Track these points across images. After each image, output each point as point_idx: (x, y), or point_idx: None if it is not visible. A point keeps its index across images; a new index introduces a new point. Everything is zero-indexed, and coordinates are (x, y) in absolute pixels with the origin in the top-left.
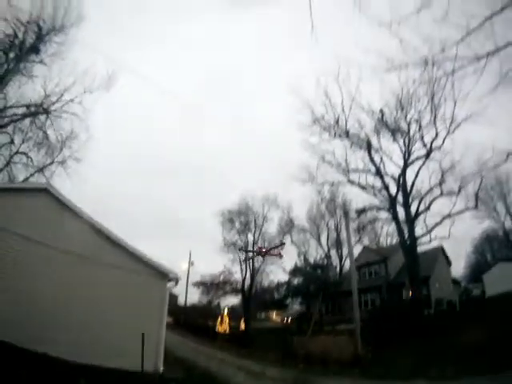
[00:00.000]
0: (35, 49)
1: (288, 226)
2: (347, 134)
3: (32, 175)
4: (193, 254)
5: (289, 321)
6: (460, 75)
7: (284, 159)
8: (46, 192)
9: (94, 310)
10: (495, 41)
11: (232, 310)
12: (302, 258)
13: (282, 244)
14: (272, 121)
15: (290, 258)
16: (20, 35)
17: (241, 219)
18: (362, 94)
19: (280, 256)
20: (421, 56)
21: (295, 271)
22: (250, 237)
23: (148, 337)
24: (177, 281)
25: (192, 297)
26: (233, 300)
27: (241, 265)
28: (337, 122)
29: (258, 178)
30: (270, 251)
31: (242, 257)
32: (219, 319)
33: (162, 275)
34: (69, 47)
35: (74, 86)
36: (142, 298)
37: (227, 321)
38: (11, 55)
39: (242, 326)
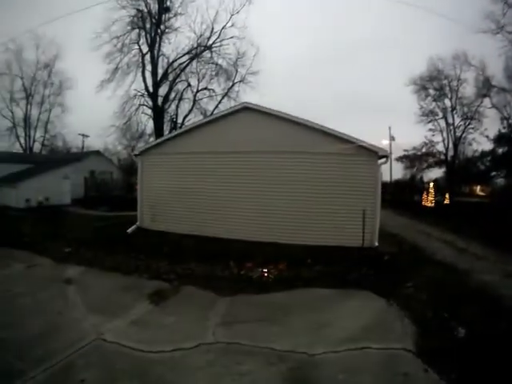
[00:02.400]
0: (163, 9)
1: (485, 86)
2: None
3: (220, 102)
4: (392, 129)
5: (494, 195)
6: None
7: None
8: (246, 108)
9: (315, 197)
10: None
11: (435, 184)
12: (505, 123)
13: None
14: None
15: (493, 124)
16: (143, 8)
17: (434, 85)
18: None
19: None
20: None
21: (499, 139)
22: (447, 102)
23: (365, 214)
24: (386, 157)
25: (395, 173)
26: (436, 173)
27: (442, 134)
28: None
29: (440, 38)
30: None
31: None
32: (424, 193)
33: (373, 154)
34: None
35: (219, 16)
36: (357, 179)
37: (432, 195)
38: (147, 25)
39: (446, 199)
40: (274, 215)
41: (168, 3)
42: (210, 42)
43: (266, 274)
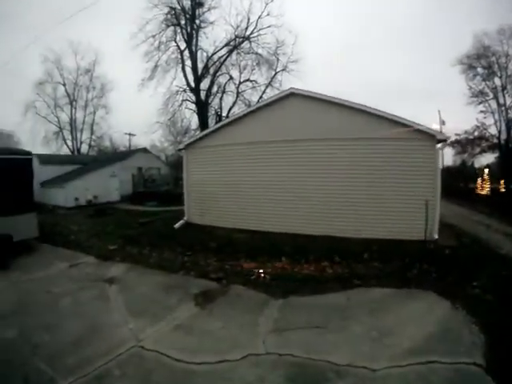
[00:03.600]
0: (196, 4)
1: None
2: None
3: (264, 92)
4: (442, 113)
5: None
6: None
7: None
8: (293, 94)
9: (370, 186)
10: None
11: (490, 170)
12: None
13: None
14: None
15: None
16: (176, 5)
17: (481, 63)
18: None
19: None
20: None
21: None
22: (497, 81)
23: (422, 205)
24: (445, 141)
25: (445, 159)
26: (488, 158)
27: (494, 115)
28: None
29: (484, 12)
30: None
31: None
32: (479, 181)
33: (431, 138)
34: None
35: (253, 6)
36: (415, 166)
37: (488, 182)
38: (182, 22)
39: (502, 187)
40: (327, 207)
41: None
42: (248, 32)
43: (321, 272)
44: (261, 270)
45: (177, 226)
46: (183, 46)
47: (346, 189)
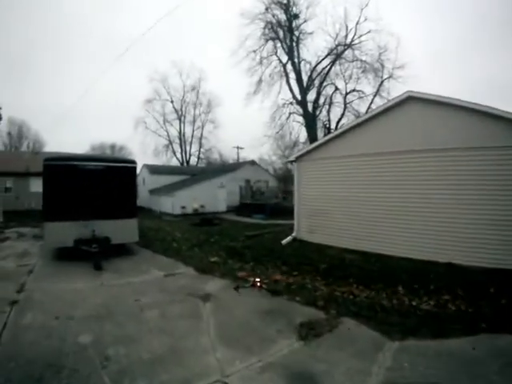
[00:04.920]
0: (292, 16)
1: None
2: None
3: (372, 102)
4: None
5: None
6: None
7: None
8: (411, 99)
9: (506, 205)
10: None
11: None
12: None
13: None
14: None
15: None
16: (271, 19)
17: None
18: None
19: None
20: None
21: None
22: None
23: None
24: None
25: None
26: None
27: None
28: None
29: None
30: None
31: None
32: None
33: None
34: None
35: (349, 13)
36: None
37: None
38: (281, 35)
39: None
40: (448, 228)
41: (294, 10)
42: (348, 40)
43: (442, 308)
44: (375, 301)
45: (284, 241)
46: (285, 59)
47: (474, 207)
